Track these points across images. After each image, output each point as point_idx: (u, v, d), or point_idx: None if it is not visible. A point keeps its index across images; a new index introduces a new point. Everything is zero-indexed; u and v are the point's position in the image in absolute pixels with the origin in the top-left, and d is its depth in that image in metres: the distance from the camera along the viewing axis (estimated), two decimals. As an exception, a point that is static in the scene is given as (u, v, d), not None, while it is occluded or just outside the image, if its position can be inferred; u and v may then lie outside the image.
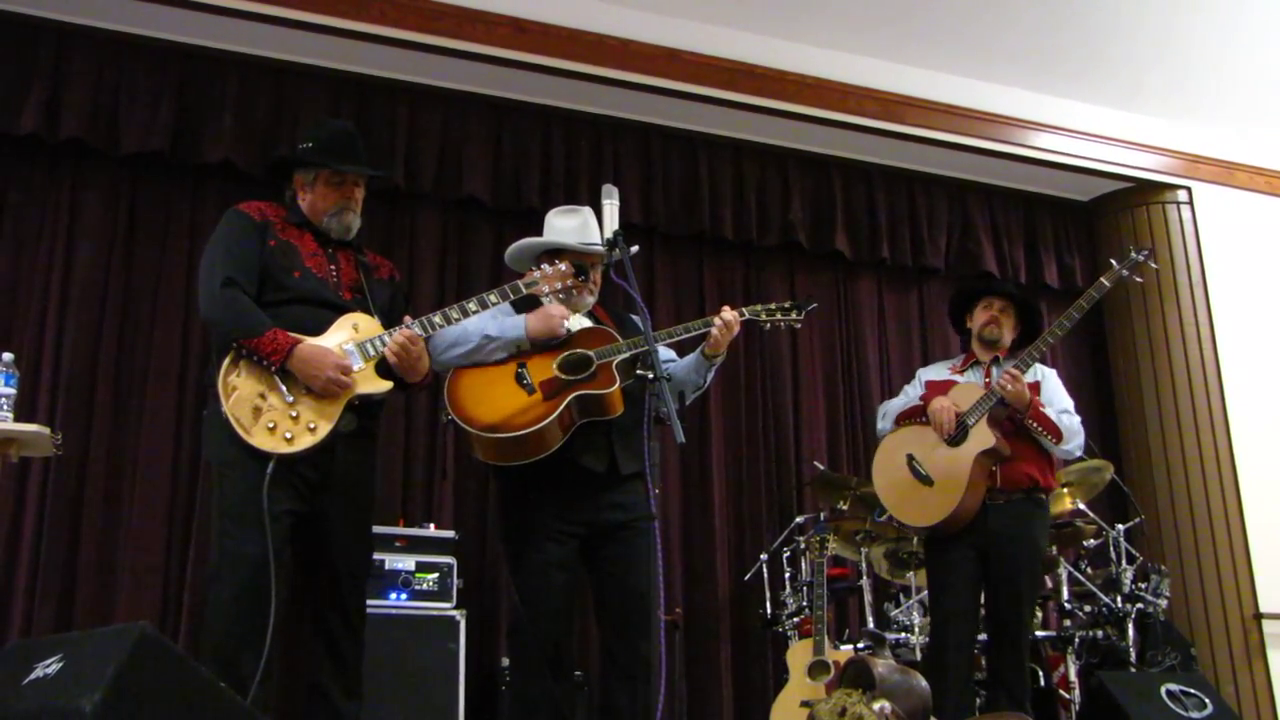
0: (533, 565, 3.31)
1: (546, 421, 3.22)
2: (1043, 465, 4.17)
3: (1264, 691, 6.09)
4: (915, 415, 4.27)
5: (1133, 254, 4.29)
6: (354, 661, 3.18)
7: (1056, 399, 4.26)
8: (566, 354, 3.35)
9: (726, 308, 3.54)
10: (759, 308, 3.67)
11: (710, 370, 3.61)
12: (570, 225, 3.58)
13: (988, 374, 4.26)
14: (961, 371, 4.34)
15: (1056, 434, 4.11)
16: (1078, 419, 4.23)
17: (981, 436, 4.04)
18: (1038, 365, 4.24)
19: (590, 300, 3.60)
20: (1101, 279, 4.23)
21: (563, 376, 3.32)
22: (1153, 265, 4.33)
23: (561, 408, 3.24)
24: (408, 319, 3.18)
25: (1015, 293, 4.43)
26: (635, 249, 3.46)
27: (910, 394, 4.42)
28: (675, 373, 3.60)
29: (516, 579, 3.36)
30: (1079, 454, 4.32)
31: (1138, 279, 4.37)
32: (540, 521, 3.32)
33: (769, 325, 3.70)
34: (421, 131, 5.53)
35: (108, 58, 5.05)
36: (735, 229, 6.10)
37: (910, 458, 4.20)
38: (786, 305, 3.70)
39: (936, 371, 4.45)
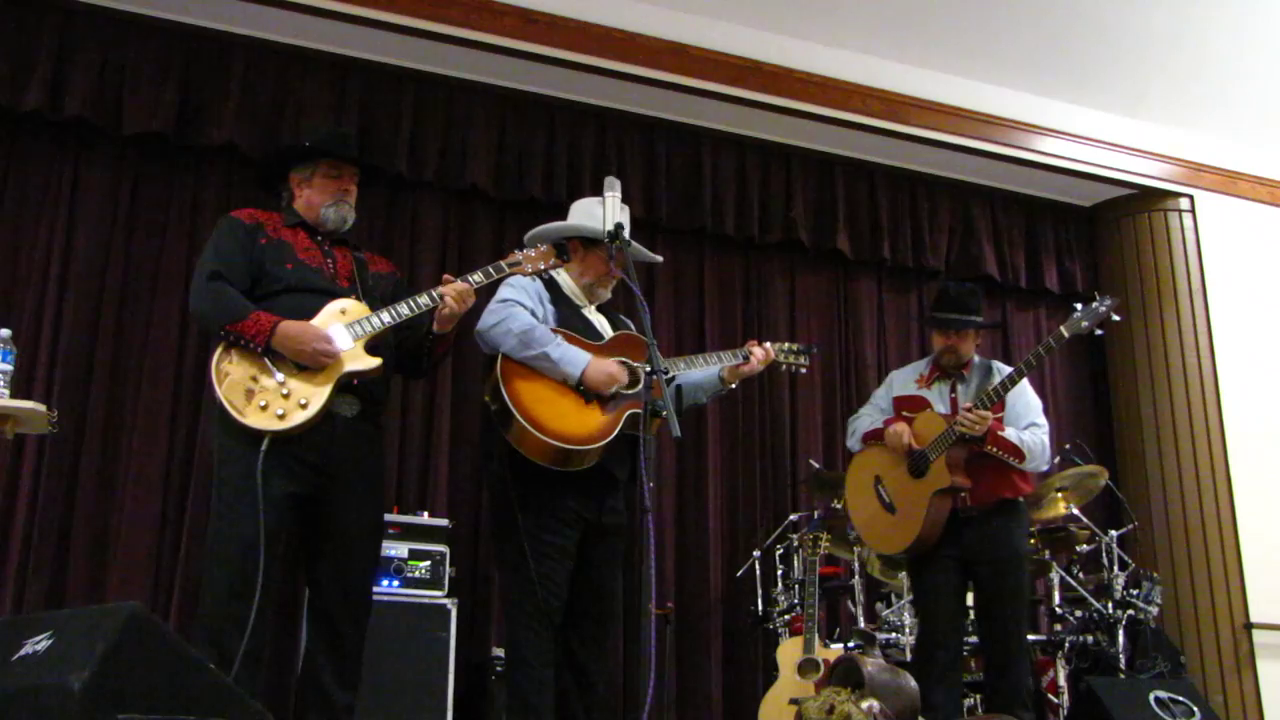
0: (551, 549, 3.26)
1: (610, 438, 3.24)
2: (1011, 481, 4.13)
3: (1252, 701, 6.10)
4: (878, 438, 4.25)
5: (1096, 304, 4.02)
6: (352, 650, 3.18)
7: (1023, 413, 4.17)
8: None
9: (756, 345, 3.65)
10: (780, 348, 3.77)
11: (716, 395, 3.72)
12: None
13: (953, 389, 4.24)
14: (929, 384, 4.30)
15: (1018, 455, 4.05)
16: (1044, 431, 4.16)
17: (939, 475, 4.01)
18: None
19: (607, 295, 3.62)
20: (1061, 328, 4.03)
21: (619, 390, 3.33)
22: (1115, 319, 4.07)
23: (621, 424, 3.26)
24: (448, 276, 3.28)
25: (967, 317, 4.24)
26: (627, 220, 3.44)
27: (878, 403, 4.41)
28: (683, 384, 3.65)
29: (534, 562, 3.24)
30: (1045, 469, 4.27)
31: (1098, 332, 4.11)
32: (563, 506, 3.28)
33: (783, 367, 3.81)
34: (425, 120, 5.53)
35: (113, 37, 5.04)
36: (737, 225, 6.10)
37: (877, 480, 4.20)
38: (797, 349, 3.81)
39: (904, 382, 4.39)
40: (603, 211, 3.55)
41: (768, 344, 3.68)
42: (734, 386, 3.69)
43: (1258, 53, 6.08)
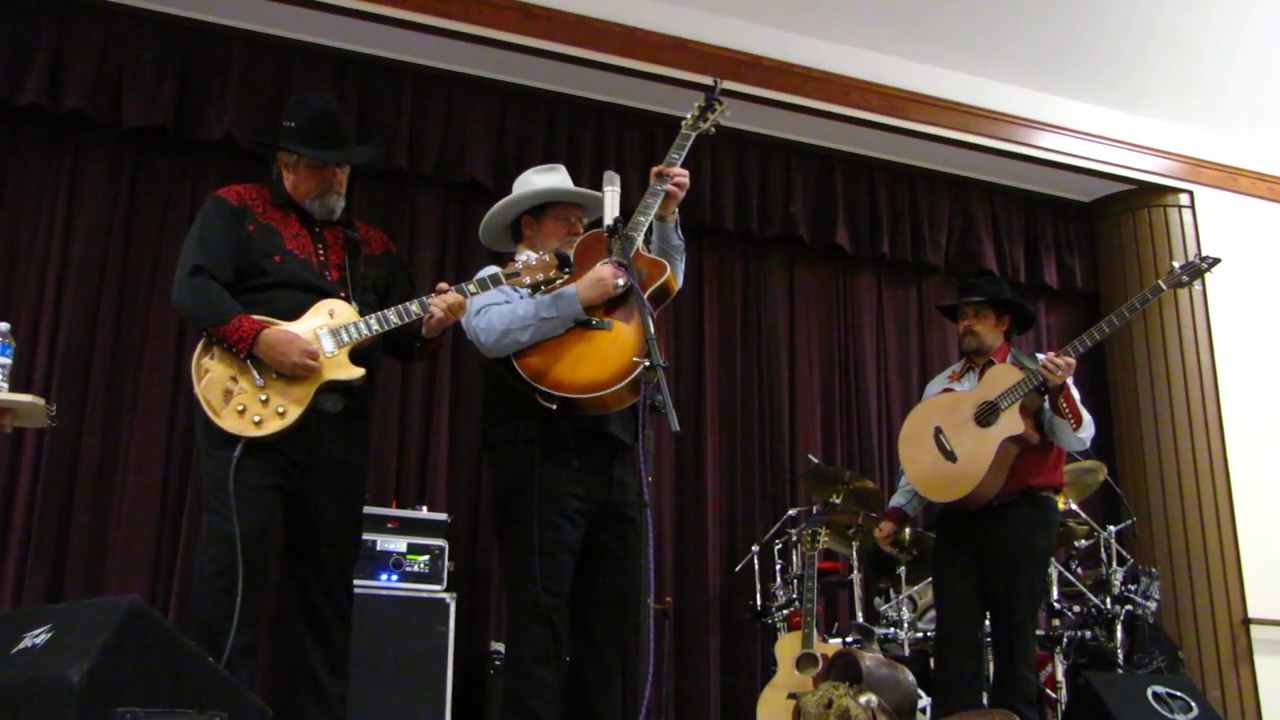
0: (549, 545, 3.18)
1: (651, 333, 2.97)
2: (1038, 468, 4.14)
3: (1250, 696, 6.11)
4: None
5: (1195, 260, 4.09)
6: (340, 641, 3.20)
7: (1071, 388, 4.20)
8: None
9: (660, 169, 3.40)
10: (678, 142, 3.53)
11: (678, 228, 3.48)
12: (553, 181, 3.55)
13: (981, 376, 4.25)
14: (960, 378, 4.34)
15: (1078, 418, 4.04)
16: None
17: (1011, 422, 4.01)
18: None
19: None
20: (1159, 281, 4.10)
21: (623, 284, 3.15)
22: (1207, 273, 4.12)
23: (644, 324, 2.99)
24: (443, 285, 3.16)
25: (978, 297, 4.32)
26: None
27: None
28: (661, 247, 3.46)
29: (530, 557, 3.16)
30: (1087, 446, 4.26)
31: (1196, 285, 4.18)
32: (561, 500, 3.20)
33: (711, 130, 3.61)
34: (425, 114, 5.52)
35: (112, 30, 5.03)
36: (736, 220, 6.10)
37: (938, 430, 4.20)
38: (701, 105, 3.57)
39: (939, 383, 4.45)
40: (543, 180, 3.51)
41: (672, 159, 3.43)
42: (675, 211, 3.45)
43: (1258, 49, 6.07)
